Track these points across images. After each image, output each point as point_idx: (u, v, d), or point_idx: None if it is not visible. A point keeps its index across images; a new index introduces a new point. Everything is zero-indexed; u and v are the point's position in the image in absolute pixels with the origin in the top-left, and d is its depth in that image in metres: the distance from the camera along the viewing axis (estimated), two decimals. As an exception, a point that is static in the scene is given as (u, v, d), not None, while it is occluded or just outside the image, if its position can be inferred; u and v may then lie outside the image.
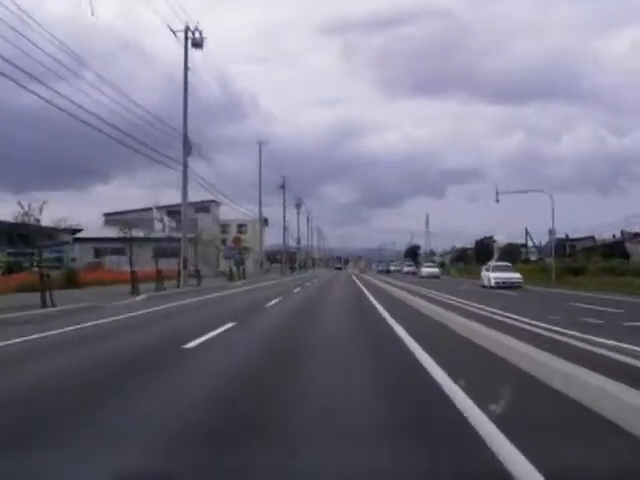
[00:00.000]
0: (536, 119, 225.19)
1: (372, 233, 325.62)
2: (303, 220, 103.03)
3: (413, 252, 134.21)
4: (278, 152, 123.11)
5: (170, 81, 32.93)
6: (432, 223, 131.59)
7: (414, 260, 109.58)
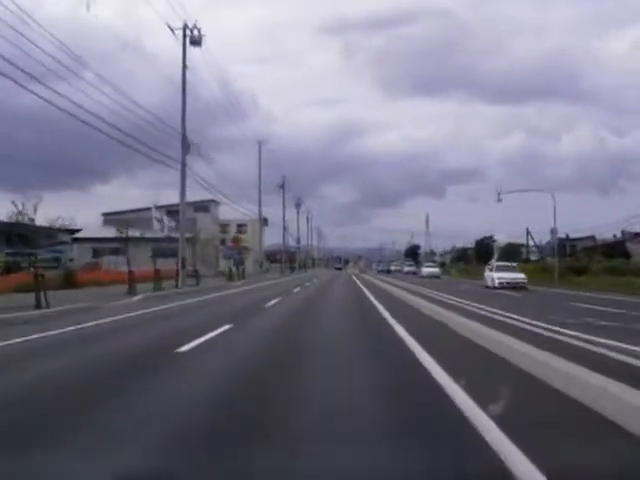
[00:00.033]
0: (536, 119, 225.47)
1: (372, 233, 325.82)
2: (303, 220, 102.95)
3: (413, 252, 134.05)
4: (278, 152, 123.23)
5: (170, 81, 32.78)
6: (432, 223, 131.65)
7: (414, 260, 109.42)
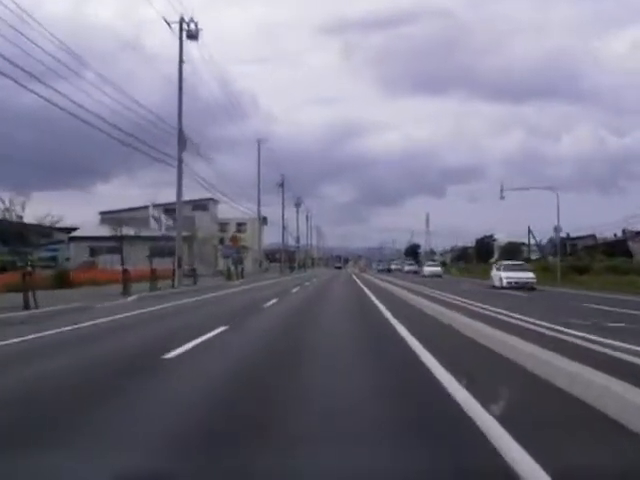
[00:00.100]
0: (536, 118, 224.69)
1: (372, 232, 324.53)
2: (302, 219, 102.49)
3: (413, 251, 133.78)
4: (278, 151, 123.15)
5: (169, 81, 32.52)
6: (432, 222, 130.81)
7: (414, 259, 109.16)
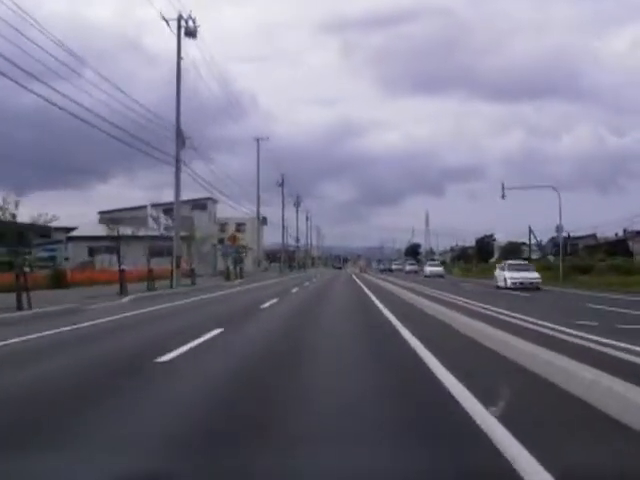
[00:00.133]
0: (536, 117, 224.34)
1: (372, 232, 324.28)
2: (302, 219, 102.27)
3: (414, 250, 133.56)
4: (277, 151, 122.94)
5: (169, 81, 32.23)
6: (432, 221, 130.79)
7: (415, 259, 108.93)
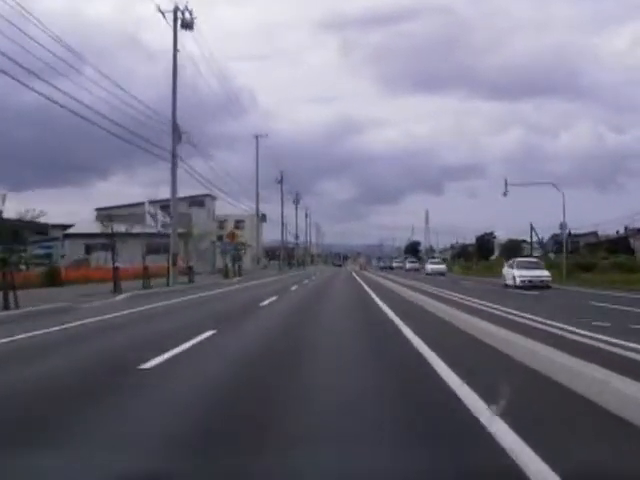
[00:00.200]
0: (536, 116, 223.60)
1: (371, 229, 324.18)
2: (301, 216, 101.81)
3: (414, 248, 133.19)
4: (277, 149, 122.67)
5: (168, 78, 31.72)
6: (432, 219, 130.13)
7: (415, 256, 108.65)
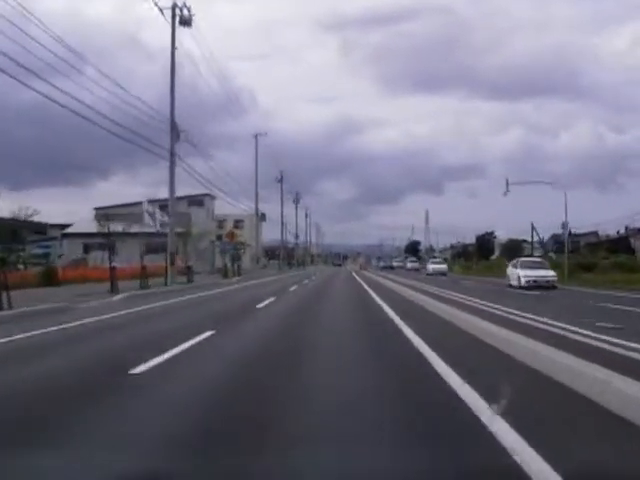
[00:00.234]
0: (536, 116, 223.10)
1: (371, 229, 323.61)
2: (301, 216, 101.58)
3: (414, 248, 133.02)
4: (276, 148, 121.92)
5: (167, 77, 31.46)
6: (432, 219, 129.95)
7: (415, 256, 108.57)
